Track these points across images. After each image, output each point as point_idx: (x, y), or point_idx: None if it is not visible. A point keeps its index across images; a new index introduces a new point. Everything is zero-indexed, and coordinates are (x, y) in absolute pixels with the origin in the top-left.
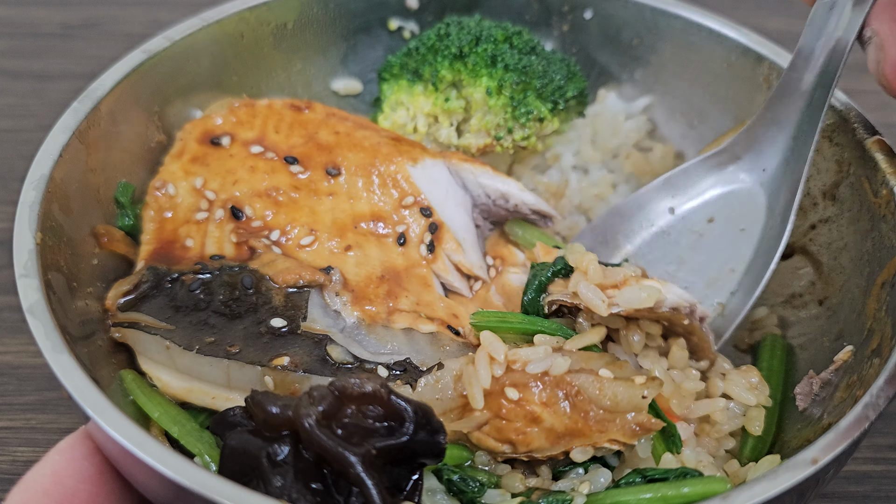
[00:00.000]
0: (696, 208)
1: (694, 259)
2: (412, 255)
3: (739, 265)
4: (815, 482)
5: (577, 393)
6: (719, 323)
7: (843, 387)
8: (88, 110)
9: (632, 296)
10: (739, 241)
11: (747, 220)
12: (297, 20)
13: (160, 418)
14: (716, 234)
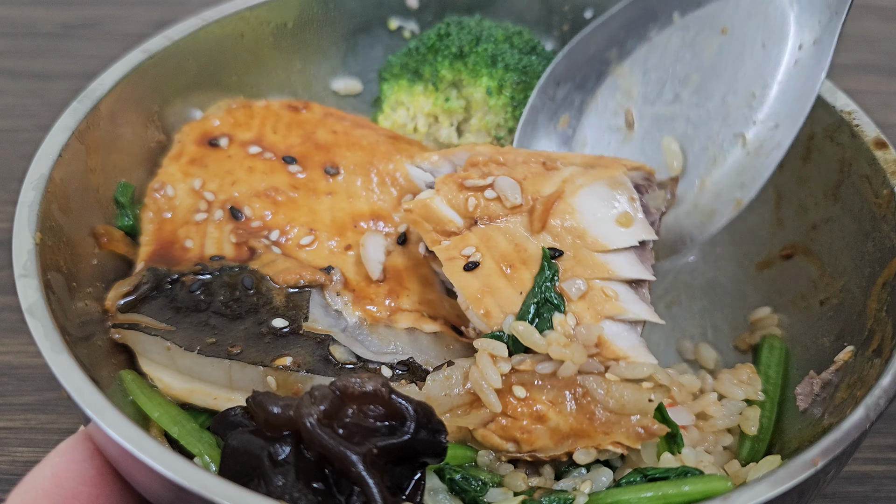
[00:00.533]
0: (706, 14)
1: (704, 79)
2: (413, 254)
3: (762, 88)
4: (816, 483)
5: (585, 394)
6: (743, 160)
7: (843, 387)
8: (88, 110)
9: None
10: (761, 58)
11: (770, 35)
12: (296, 20)
13: (160, 419)
14: (731, 49)
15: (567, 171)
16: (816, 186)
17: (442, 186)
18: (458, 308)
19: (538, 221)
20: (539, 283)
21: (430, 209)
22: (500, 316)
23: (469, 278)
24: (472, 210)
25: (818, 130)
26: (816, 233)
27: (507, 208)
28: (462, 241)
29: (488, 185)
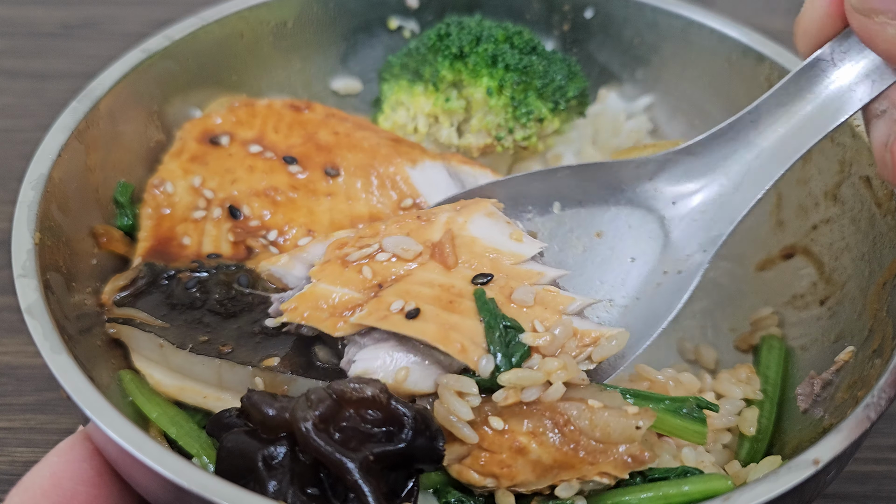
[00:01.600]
0: (584, 215)
1: (578, 268)
2: None
3: (622, 298)
4: (817, 483)
5: (567, 422)
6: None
7: (844, 387)
8: (87, 110)
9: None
10: (628, 270)
11: (640, 252)
12: (296, 19)
13: (158, 419)
14: (601, 253)
15: (443, 216)
16: (817, 187)
17: (320, 273)
18: None
19: (450, 256)
20: (488, 312)
21: (318, 296)
22: (475, 347)
23: (420, 325)
24: (370, 278)
25: None
26: (816, 233)
27: (409, 260)
28: (380, 302)
29: (376, 250)
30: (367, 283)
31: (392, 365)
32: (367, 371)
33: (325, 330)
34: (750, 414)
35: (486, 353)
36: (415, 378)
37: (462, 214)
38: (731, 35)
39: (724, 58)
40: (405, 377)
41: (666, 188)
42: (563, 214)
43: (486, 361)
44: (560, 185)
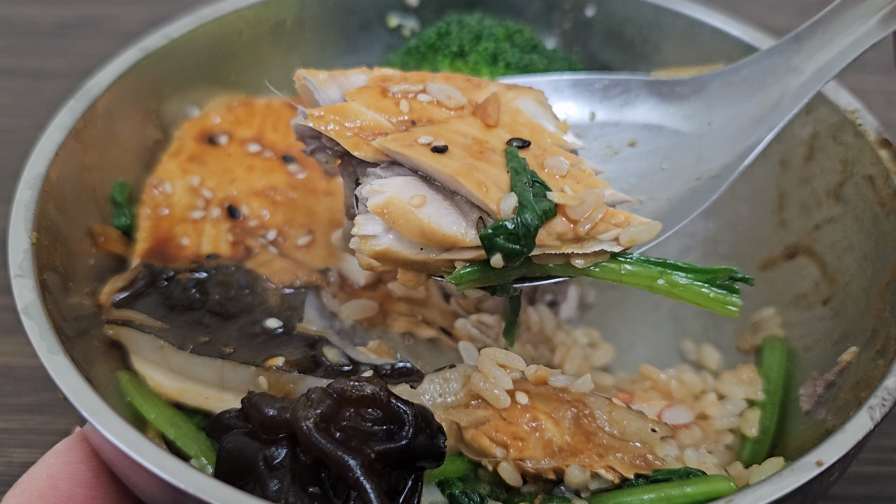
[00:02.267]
0: (618, 124)
1: (609, 170)
2: None
3: (651, 201)
4: (820, 485)
5: (588, 415)
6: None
7: (847, 388)
8: (85, 108)
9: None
10: (656, 176)
11: (671, 163)
12: (295, 18)
13: (156, 420)
14: (633, 159)
15: (493, 86)
16: (819, 186)
17: (358, 95)
18: (454, 313)
19: (492, 115)
20: (517, 163)
21: (349, 112)
22: (498, 191)
23: (445, 160)
24: (406, 113)
25: (821, 130)
26: (819, 233)
27: (450, 108)
28: (409, 134)
29: (420, 90)
30: (402, 116)
31: (407, 191)
32: (378, 190)
33: (347, 146)
34: (752, 415)
35: (515, 196)
36: (430, 211)
37: (512, 91)
38: (733, 34)
39: (726, 56)
40: (420, 203)
41: (703, 109)
42: (598, 123)
43: (507, 201)
44: (597, 95)
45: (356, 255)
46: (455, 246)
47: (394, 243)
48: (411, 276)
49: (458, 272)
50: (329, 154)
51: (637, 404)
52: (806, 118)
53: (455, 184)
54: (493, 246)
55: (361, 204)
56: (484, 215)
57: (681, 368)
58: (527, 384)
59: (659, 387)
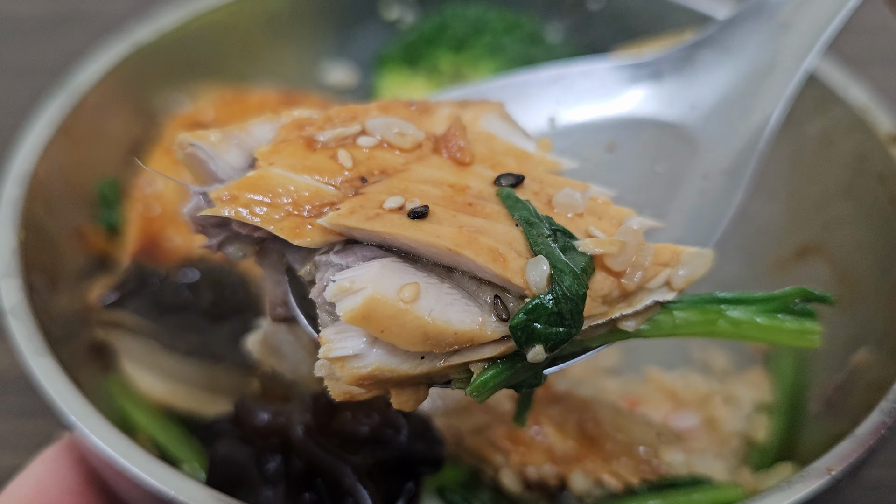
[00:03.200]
0: (586, 126)
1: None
2: None
3: (653, 209)
4: (831, 491)
5: (593, 420)
6: None
7: (858, 391)
8: (73, 104)
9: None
10: (653, 182)
11: (665, 163)
12: (290, 9)
13: (146, 425)
14: (617, 166)
15: (444, 109)
16: (829, 183)
17: (275, 155)
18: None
19: (464, 149)
20: (526, 211)
21: (270, 184)
22: (517, 256)
23: (431, 227)
24: (349, 168)
25: (832, 126)
26: (829, 231)
27: (405, 149)
28: (366, 199)
29: (357, 132)
30: (345, 173)
31: (391, 280)
32: (353, 283)
33: (282, 234)
34: (760, 419)
35: (545, 259)
36: (429, 303)
37: (469, 110)
38: None
39: None
40: (414, 296)
41: (683, 89)
42: (561, 129)
43: (536, 269)
44: (552, 94)
45: (326, 382)
46: (472, 343)
47: (384, 360)
48: (409, 396)
49: (480, 379)
50: (244, 244)
51: (643, 408)
52: (816, 115)
53: (457, 259)
54: (531, 336)
55: (323, 312)
56: (500, 293)
57: (687, 371)
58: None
59: (665, 390)
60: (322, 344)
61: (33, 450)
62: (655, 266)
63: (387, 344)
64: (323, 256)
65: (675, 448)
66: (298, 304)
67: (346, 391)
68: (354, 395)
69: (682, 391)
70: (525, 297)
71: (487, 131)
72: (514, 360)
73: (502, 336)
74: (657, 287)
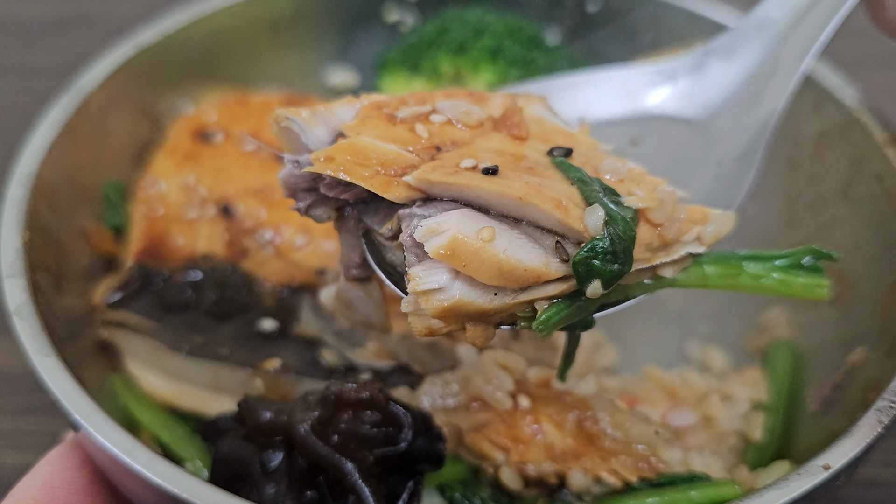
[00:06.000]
0: (613, 122)
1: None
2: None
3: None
4: (827, 489)
5: (591, 418)
6: None
7: (854, 390)
8: (78, 105)
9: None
10: (674, 170)
11: (684, 154)
12: (292, 13)
13: (150, 423)
14: (642, 158)
15: (497, 98)
16: (826, 185)
17: (362, 127)
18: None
19: (522, 127)
20: (579, 173)
21: (360, 149)
22: (575, 207)
23: (504, 182)
24: (425, 138)
25: (828, 128)
26: (826, 232)
27: (470, 126)
28: (444, 161)
29: (429, 111)
30: (423, 143)
31: (472, 223)
32: (439, 225)
33: (373, 188)
34: (757, 418)
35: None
36: (503, 244)
37: (520, 100)
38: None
39: None
40: (490, 237)
41: (697, 90)
42: (591, 125)
43: (593, 214)
44: (582, 95)
45: (410, 319)
46: (537, 282)
47: (464, 292)
48: (481, 331)
49: (544, 316)
50: (328, 208)
51: (641, 406)
52: (813, 116)
53: (525, 207)
54: (590, 272)
55: (410, 254)
56: (560, 239)
57: (685, 370)
58: (529, 386)
59: (663, 388)
60: (410, 280)
61: (39, 449)
62: (688, 223)
63: (467, 279)
64: (406, 210)
65: (673, 446)
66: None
67: (428, 325)
68: (435, 329)
69: (680, 389)
70: (582, 242)
71: (537, 115)
72: (573, 298)
73: (564, 276)
74: (690, 241)
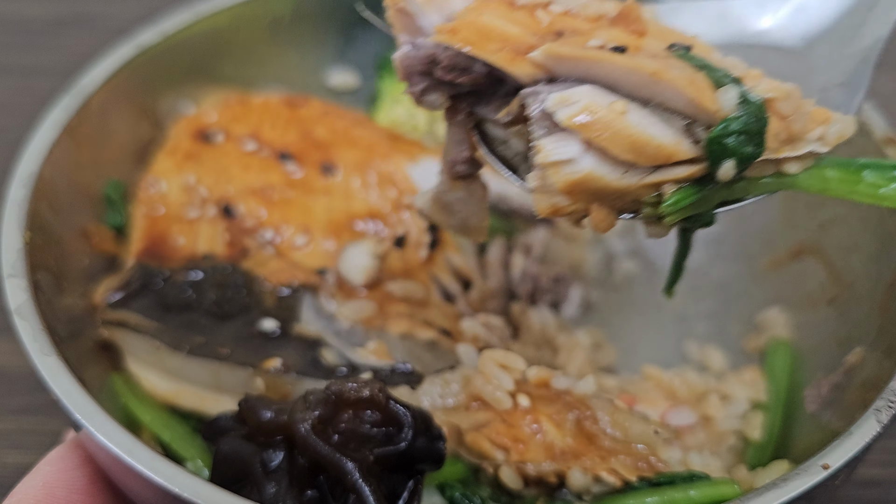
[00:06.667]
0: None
1: None
2: (410, 258)
3: None
4: (826, 488)
5: (590, 417)
6: None
7: (853, 389)
8: (79, 106)
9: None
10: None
11: (788, 80)
12: (292, 13)
13: (151, 422)
14: None
15: (610, 3)
16: None
17: (484, 7)
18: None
19: (640, 23)
20: (704, 61)
21: (488, 27)
22: (709, 90)
23: (632, 58)
24: (545, 26)
25: None
26: (824, 232)
27: (590, 19)
28: (570, 41)
29: (547, 1)
30: (544, 28)
31: (604, 97)
32: (570, 100)
33: (499, 63)
34: (755, 417)
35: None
36: (634, 118)
37: None
38: None
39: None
40: (623, 110)
41: (792, 24)
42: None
43: (728, 93)
44: (680, 22)
45: (535, 195)
46: (668, 161)
47: (595, 166)
48: (605, 215)
49: (672, 199)
50: (442, 94)
51: (640, 406)
52: None
53: (657, 85)
54: (724, 151)
55: (538, 128)
56: (689, 121)
57: (684, 370)
58: (528, 386)
59: (662, 387)
60: (538, 151)
61: (40, 449)
62: (811, 122)
63: (598, 151)
64: (529, 89)
65: (673, 445)
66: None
67: (552, 203)
68: (559, 207)
69: (679, 389)
70: (712, 126)
71: (650, 18)
72: (702, 183)
73: (694, 158)
74: (813, 140)
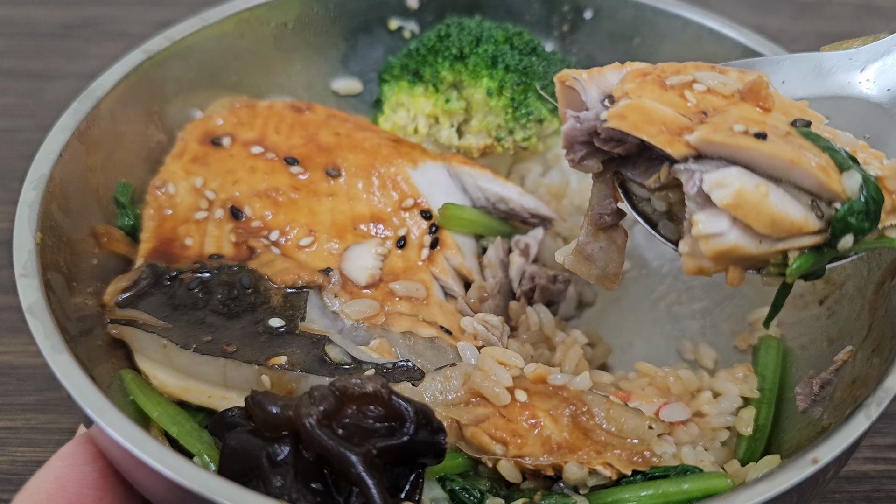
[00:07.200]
0: (807, 100)
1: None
2: (411, 258)
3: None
4: (816, 482)
5: (586, 413)
6: None
7: (843, 387)
8: (88, 110)
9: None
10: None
11: (871, 131)
12: (297, 20)
13: (159, 418)
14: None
15: (733, 73)
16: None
17: (641, 91)
18: (454, 314)
19: (768, 100)
20: (827, 142)
21: (649, 110)
22: (834, 172)
23: (773, 145)
24: (692, 106)
25: None
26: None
27: (725, 96)
28: (719, 124)
29: (691, 80)
30: (691, 108)
31: (749, 179)
32: (723, 183)
33: (661, 144)
34: (747, 413)
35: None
36: (774, 198)
37: (749, 76)
38: (730, 35)
39: (723, 58)
40: (766, 192)
41: (879, 78)
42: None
43: (852, 178)
44: (777, 75)
45: (685, 258)
46: (798, 233)
47: (739, 238)
48: (739, 273)
49: (797, 262)
50: (596, 160)
51: (634, 402)
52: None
53: (793, 169)
54: (845, 227)
55: (691, 203)
56: (815, 199)
57: (678, 367)
58: (526, 382)
59: (656, 384)
60: (693, 224)
61: (51, 445)
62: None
63: (742, 226)
64: (682, 165)
65: (666, 440)
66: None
67: (699, 265)
68: (704, 268)
69: (672, 386)
70: (833, 202)
71: (773, 91)
72: (820, 250)
73: (818, 229)
74: None
